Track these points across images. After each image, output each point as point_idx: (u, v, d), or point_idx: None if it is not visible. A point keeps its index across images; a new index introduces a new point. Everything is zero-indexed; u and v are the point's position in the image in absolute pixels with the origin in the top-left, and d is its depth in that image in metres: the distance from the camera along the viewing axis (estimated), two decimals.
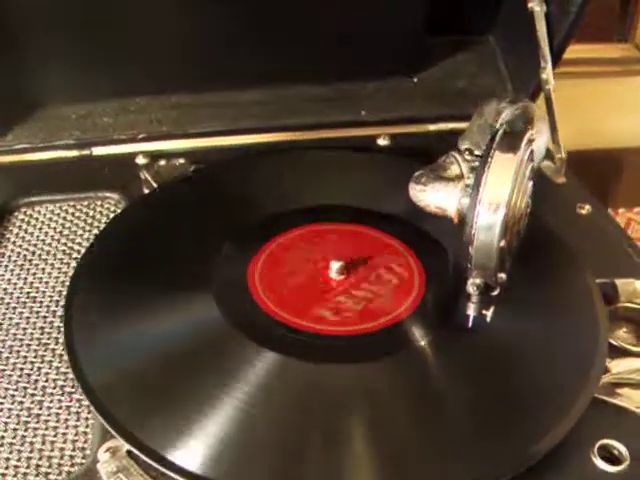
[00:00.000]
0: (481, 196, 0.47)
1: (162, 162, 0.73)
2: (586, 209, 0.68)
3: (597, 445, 0.47)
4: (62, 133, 0.76)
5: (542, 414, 0.48)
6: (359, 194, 0.64)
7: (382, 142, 0.77)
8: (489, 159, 0.48)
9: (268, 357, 0.49)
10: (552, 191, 0.70)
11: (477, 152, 0.58)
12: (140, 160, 0.74)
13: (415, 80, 0.81)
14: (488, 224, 0.47)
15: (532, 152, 0.51)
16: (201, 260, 0.57)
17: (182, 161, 0.73)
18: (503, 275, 0.49)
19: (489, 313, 0.50)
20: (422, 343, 0.51)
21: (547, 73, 0.70)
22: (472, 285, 0.49)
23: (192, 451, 0.45)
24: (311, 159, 0.69)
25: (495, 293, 0.50)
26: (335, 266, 0.55)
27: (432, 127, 0.80)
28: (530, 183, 0.51)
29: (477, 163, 0.57)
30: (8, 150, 0.75)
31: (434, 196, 0.52)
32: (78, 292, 0.55)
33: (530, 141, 0.50)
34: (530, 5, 0.68)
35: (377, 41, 0.78)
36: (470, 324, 0.50)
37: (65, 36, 0.73)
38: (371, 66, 0.79)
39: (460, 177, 0.56)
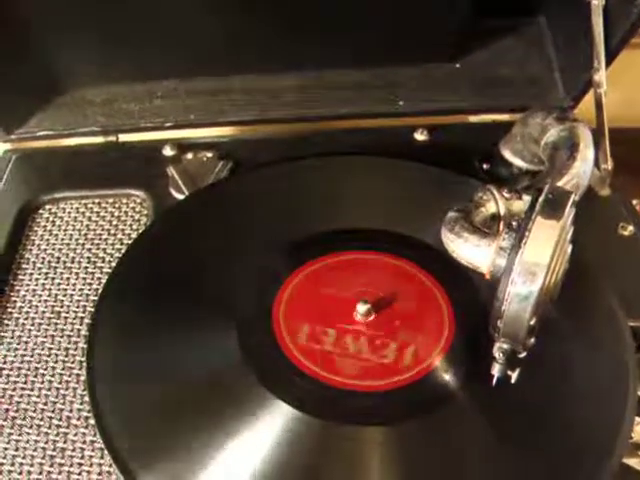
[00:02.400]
0: (517, 264, 0.45)
1: (189, 155, 0.71)
2: (629, 230, 0.64)
3: None
4: (86, 119, 0.73)
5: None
6: (396, 215, 0.61)
7: (420, 137, 0.73)
8: (530, 223, 0.45)
9: (286, 412, 0.48)
10: (591, 204, 0.65)
11: (520, 187, 0.55)
12: (167, 152, 0.72)
13: (458, 66, 0.76)
14: (522, 295, 0.45)
15: (576, 214, 0.47)
16: (226, 289, 0.56)
17: (210, 155, 0.71)
18: (532, 339, 0.47)
19: (514, 374, 0.48)
20: (456, 400, 0.50)
21: (600, 75, 0.65)
22: (498, 350, 0.47)
23: None
24: (349, 167, 0.66)
25: (522, 355, 0.48)
26: (362, 309, 0.53)
27: (473, 118, 0.76)
28: (570, 247, 0.48)
29: (515, 200, 0.54)
30: (31, 137, 0.73)
31: (466, 251, 0.49)
32: (100, 324, 0.54)
33: (575, 202, 0.47)
34: None
35: (417, 22, 0.72)
36: (494, 384, 0.49)
37: (88, 15, 0.69)
38: (409, 50, 0.74)
39: (496, 217, 0.53)
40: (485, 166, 0.70)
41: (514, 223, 0.48)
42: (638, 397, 0.52)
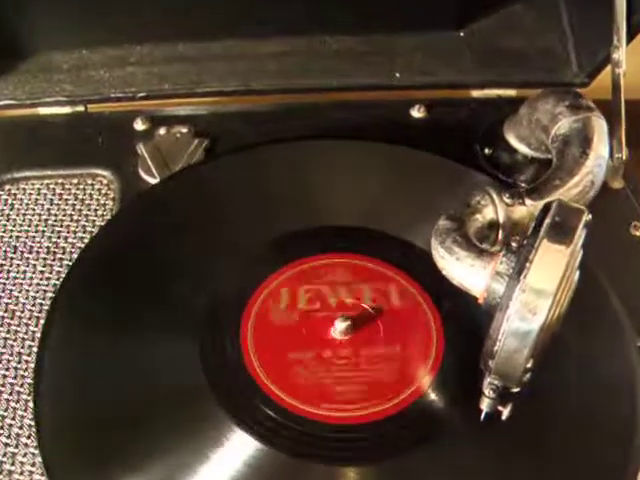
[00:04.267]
0: (515, 298, 0.39)
1: (162, 131, 0.65)
2: None
3: None
4: (52, 87, 0.67)
5: None
6: (380, 211, 0.55)
7: (416, 114, 0.67)
8: (533, 248, 0.39)
9: (248, 443, 0.44)
10: (602, 198, 0.58)
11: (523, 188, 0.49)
12: (138, 125, 0.66)
13: (462, 34, 0.68)
14: (519, 333, 0.39)
15: (587, 236, 0.41)
16: (191, 296, 0.50)
17: (184, 130, 0.64)
18: (528, 376, 0.42)
19: (506, 411, 0.43)
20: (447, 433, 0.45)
21: (620, 54, 0.59)
22: (488, 386, 0.42)
23: None
24: (327, 154, 0.59)
25: (516, 390, 0.43)
26: (340, 326, 0.48)
27: (476, 93, 0.69)
28: (577, 274, 0.42)
29: (517, 206, 0.48)
30: None
31: (458, 270, 0.44)
32: (53, 332, 0.49)
33: (587, 223, 0.41)
34: None
35: None
36: (482, 419, 0.44)
37: None
38: (408, 16, 0.67)
39: (495, 225, 0.48)
40: (487, 151, 0.63)
41: (514, 244, 0.42)
42: None
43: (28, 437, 0.49)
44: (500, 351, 0.40)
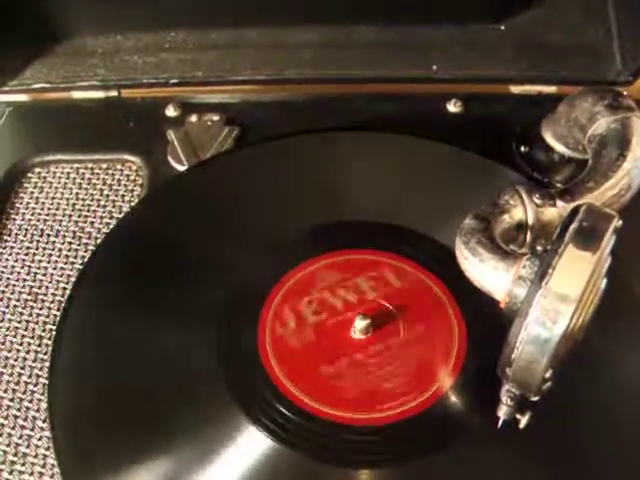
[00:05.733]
0: (536, 303, 0.37)
1: (193, 118, 0.64)
2: None
3: None
4: (86, 71, 0.67)
5: None
6: (406, 208, 0.54)
7: (452, 109, 0.65)
8: (557, 254, 0.38)
9: (262, 442, 0.43)
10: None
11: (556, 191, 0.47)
12: (170, 112, 0.65)
13: (502, 28, 0.66)
14: (539, 340, 0.37)
15: (615, 241, 0.39)
16: (211, 290, 0.50)
17: (215, 118, 0.64)
18: (549, 383, 0.40)
19: (524, 419, 0.42)
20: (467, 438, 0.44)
21: None
22: (506, 394, 0.41)
23: None
24: (352, 146, 0.58)
25: (535, 399, 0.41)
26: (360, 325, 0.47)
27: (515, 89, 0.67)
28: (604, 281, 0.40)
29: (548, 207, 0.46)
30: (25, 89, 0.66)
31: (481, 272, 0.42)
32: (71, 315, 0.49)
33: (617, 229, 0.39)
34: None
35: None
36: (499, 426, 0.42)
37: None
38: (448, 7, 0.65)
39: (523, 226, 0.46)
40: (523, 149, 0.61)
41: (539, 248, 0.40)
42: None
43: (44, 421, 0.49)
44: (518, 359, 0.38)
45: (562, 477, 0.44)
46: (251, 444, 0.43)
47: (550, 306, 0.37)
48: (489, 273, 0.42)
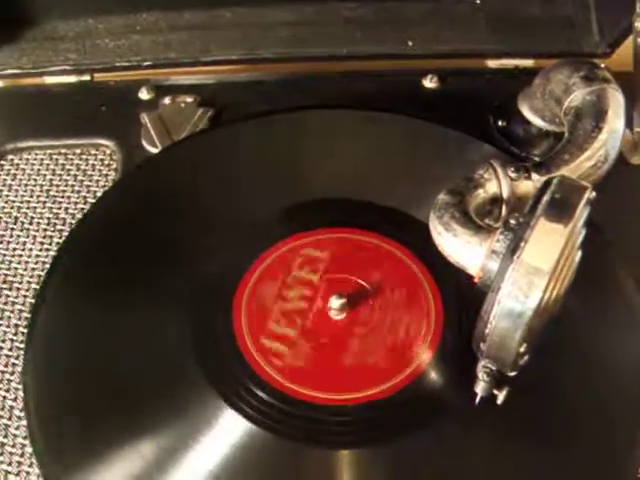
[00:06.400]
0: (509, 277, 0.37)
1: (166, 100, 0.63)
2: None
3: None
4: (57, 56, 0.66)
5: None
6: (381, 185, 0.53)
7: (429, 84, 0.64)
8: (529, 227, 0.37)
9: (241, 425, 0.43)
10: (619, 175, 0.55)
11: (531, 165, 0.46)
12: (143, 95, 0.64)
13: (477, 2, 0.65)
14: (513, 314, 0.37)
15: (589, 213, 0.39)
16: (184, 274, 0.49)
17: (189, 100, 0.63)
18: (525, 358, 0.40)
19: (501, 395, 0.41)
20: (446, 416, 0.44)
21: None
22: (482, 370, 0.40)
23: None
24: (326, 124, 0.57)
25: (512, 374, 0.41)
26: (336, 304, 0.46)
27: (492, 63, 0.66)
28: (579, 254, 0.40)
29: (523, 180, 0.46)
30: None
31: (454, 248, 0.42)
32: (43, 304, 0.48)
33: (589, 200, 0.39)
34: None
35: None
36: (477, 403, 0.42)
37: None
38: None
39: (498, 200, 0.45)
40: (500, 123, 0.61)
41: (512, 221, 0.40)
42: None
43: (22, 410, 0.48)
44: (492, 334, 0.38)
45: (543, 450, 0.44)
46: (229, 428, 0.43)
47: (523, 280, 0.37)
48: (462, 248, 0.41)
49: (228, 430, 0.43)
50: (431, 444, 0.44)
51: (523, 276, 0.37)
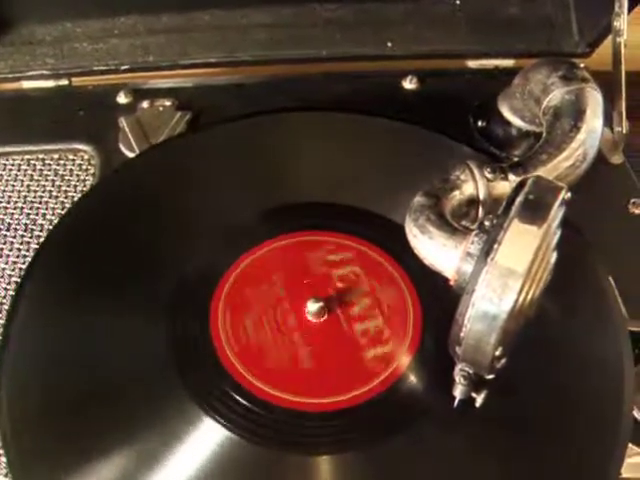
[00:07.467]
0: (483, 279, 0.37)
1: (145, 104, 0.63)
2: None
3: None
4: (34, 60, 0.65)
5: None
6: (359, 188, 0.53)
7: (408, 85, 0.64)
8: (502, 229, 0.37)
9: (217, 432, 0.42)
10: (599, 174, 0.55)
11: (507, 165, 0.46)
12: (121, 99, 0.64)
13: (457, 2, 0.65)
14: (487, 316, 0.37)
15: (563, 214, 0.39)
16: (161, 278, 0.49)
17: (167, 104, 0.63)
18: (503, 361, 0.40)
19: (480, 397, 0.41)
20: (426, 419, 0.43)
21: (620, 22, 0.55)
22: (459, 373, 0.40)
23: None
24: (304, 126, 0.57)
25: (490, 377, 0.41)
26: (313, 308, 0.46)
27: (472, 64, 0.66)
28: (555, 255, 0.39)
29: (499, 181, 0.46)
30: None
31: (429, 250, 0.41)
32: (18, 311, 0.48)
33: (564, 201, 0.38)
34: None
35: None
36: (455, 406, 0.42)
37: None
38: None
39: (475, 201, 0.45)
40: (480, 123, 0.60)
41: (487, 223, 0.40)
42: None
43: None
44: (467, 337, 0.37)
45: (524, 452, 0.43)
46: (205, 436, 0.42)
47: (497, 282, 0.37)
48: (438, 250, 0.41)
49: (204, 437, 0.42)
50: (410, 448, 0.43)
51: (497, 278, 0.37)
